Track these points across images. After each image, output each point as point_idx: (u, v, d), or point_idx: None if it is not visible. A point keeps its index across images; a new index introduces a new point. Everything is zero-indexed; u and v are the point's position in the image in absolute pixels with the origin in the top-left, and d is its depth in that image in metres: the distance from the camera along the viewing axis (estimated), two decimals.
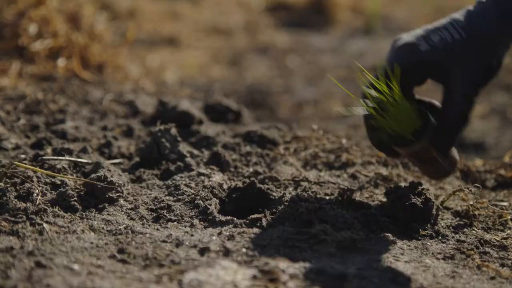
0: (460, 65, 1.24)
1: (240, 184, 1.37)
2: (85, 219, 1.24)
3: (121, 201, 1.32)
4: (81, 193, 1.32)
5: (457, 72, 1.25)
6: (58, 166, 1.41)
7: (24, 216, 1.19)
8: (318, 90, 3.00)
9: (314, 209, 1.27)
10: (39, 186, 1.30)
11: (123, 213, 1.28)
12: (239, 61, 3.30)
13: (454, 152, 1.35)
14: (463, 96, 1.25)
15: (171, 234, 1.20)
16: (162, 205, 1.32)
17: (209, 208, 1.31)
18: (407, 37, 1.27)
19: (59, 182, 1.34)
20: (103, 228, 1.21)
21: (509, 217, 1.37)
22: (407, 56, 1.25)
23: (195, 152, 1.57)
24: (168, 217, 1.28)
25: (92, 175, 1.34)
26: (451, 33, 1.25)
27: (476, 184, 1.35)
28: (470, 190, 1.36)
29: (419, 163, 1.33)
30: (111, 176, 1.34)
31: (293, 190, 1.43)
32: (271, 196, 1.35)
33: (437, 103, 1.31)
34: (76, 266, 1.06)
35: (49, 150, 1.53)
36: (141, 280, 1.04)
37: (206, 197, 1.35)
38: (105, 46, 2.49)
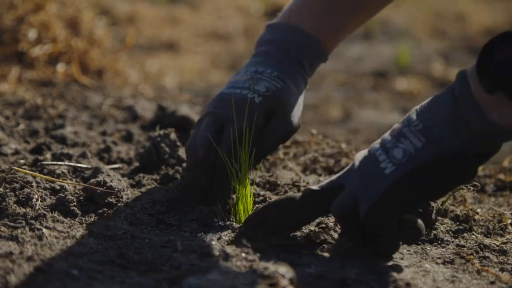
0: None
1: None
2: (84, 224, 1.24)
3: (121, 206, 1.32)
4: (81, 198, 1.32)
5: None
6: (58, 171, 1.41)
7: (23, 221, 1.19)
8: (317, 95, 3.01)
9: None
10: (39, 191, 1.30)
11: (122, 218, 1.28)
12: (238, 66, 3.31)
13: None
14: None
15: (170, 239, 1.20)
16: (161, 210, 1.32)
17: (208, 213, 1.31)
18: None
19: (58, 187, 1.34)
20: (102, 233, 1.21)
21: (508, 222, 1.37)
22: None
23: None
24: (168, 222, 1.28)
25: (92, 180, 1.33)
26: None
27: (475, 183, 1.35)
28: (469, 189, 1.36)
29: None
30: (111, 181, 1.34)
31: None
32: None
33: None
34: (75, 272, 1.06)
35: (48, 155, 1.53)
36: (140, 285, 1.04)
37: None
38: (105, 51, 2.49)
